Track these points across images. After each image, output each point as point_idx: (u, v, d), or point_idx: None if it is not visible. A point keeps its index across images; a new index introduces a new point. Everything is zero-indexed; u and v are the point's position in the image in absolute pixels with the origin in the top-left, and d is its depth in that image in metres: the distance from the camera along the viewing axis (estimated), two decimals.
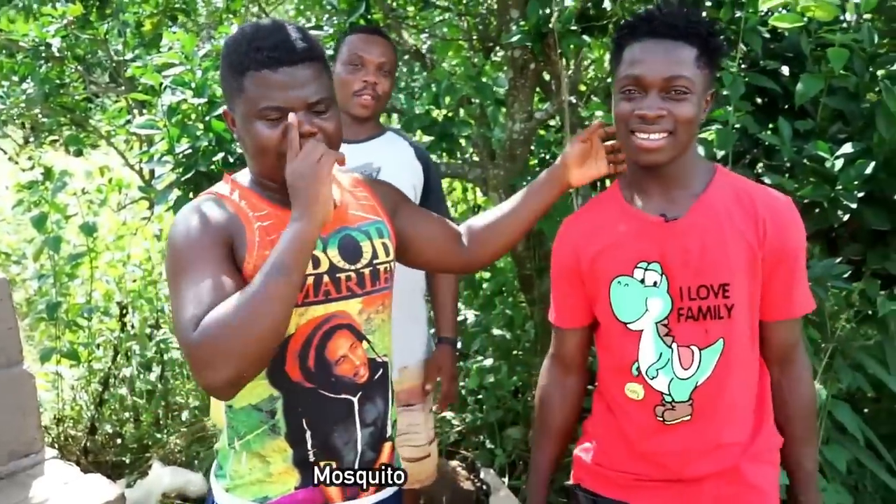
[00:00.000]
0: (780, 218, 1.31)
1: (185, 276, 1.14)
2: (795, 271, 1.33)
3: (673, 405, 1.34)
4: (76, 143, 3.46)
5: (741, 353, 1.33)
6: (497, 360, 2.94)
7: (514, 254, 2.70)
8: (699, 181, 1.34)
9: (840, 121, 2.00)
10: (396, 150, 1.91)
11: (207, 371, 1.07)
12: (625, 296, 1.34)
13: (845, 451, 2.00)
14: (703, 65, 1.26)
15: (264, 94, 1.16)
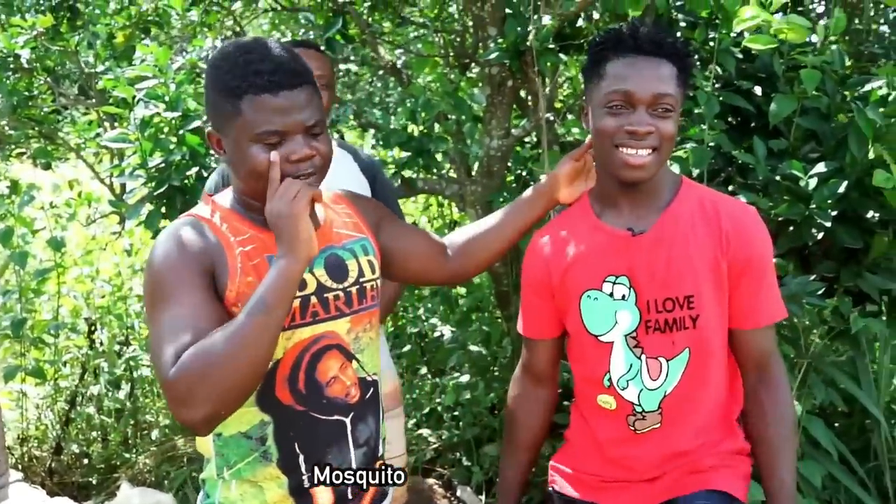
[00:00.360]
0: (743, 228, 1.33)
1: (163, 307, 1.12)
2: (762, 280, 1.35)
3: (643, 415, 1.37)
4: (45, 156, 3.40)
5: (707, 361, 1.36)
6: (474, 377, 2.92)
7: (490, 270, 2.69)
8: (665, 194, 1.36)
9: (812, 140, 2.05)
10: (341, 168, 1.88)
11: (185, 408, 1.06)
12: (595, 309, 1.37)
13: (819, 465, 2.03)
14: (680, 83, 1.30)
15: (264, 118, 1.15)
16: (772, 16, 1.79)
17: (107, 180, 3.67)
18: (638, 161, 1.27)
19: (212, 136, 1.23)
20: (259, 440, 1.21)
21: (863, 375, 2.19)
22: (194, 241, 1.18)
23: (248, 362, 1.07)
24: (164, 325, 1.10)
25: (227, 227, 1.22)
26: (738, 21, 1.81)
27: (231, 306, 1.16)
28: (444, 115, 3.11)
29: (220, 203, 1.27)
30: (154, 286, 1.15)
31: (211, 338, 1.07)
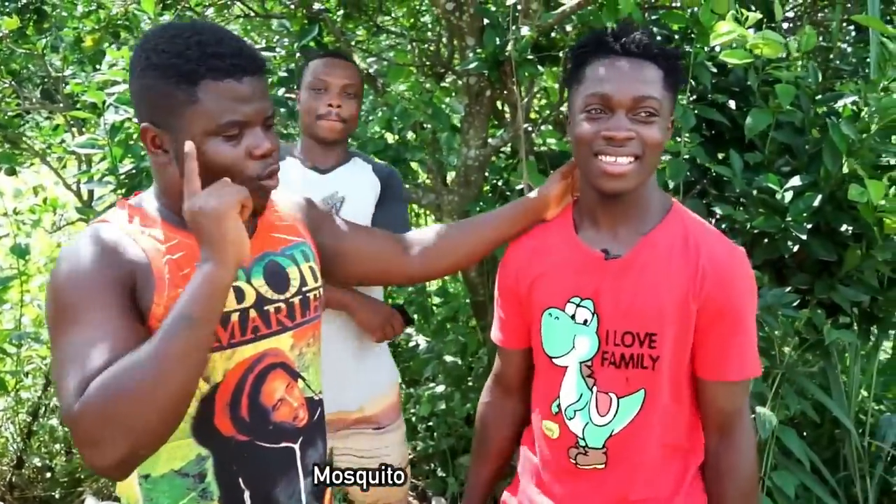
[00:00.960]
0: (722, 271, 1.20)
1: (68, 329, 0.95)
2: (736, 331, 1.22)
3: (586, 450, 1.27)
4: (9, 161, 3.31)
5: (664, 407, 1.25)
6: (449, 387, 2.91)
7: (467, 280, 2.69)
8: (651, 218, 1.25)
9: (786, 154, 2.08)
10: (360, 176, 1.90)
11: (93, 450, 0.89)
12: (554, 329, 1.28)
13: (792, 475, 2.05)
14: (667, 87, 1.19)
15: (228, 106, 1.02)
16: (747, 31, 1.81)
17: (73, 186, 3.58)
18: (617, 170, 1.16)
19: (146, 132, 1.06)
20: (197, 477, 1.07)
21: (834, 386, 2.23)
22: (107, 252, 1.02)
23: (170, 391, 0.91)
24: (69, 350, 0.94)
25: (149, 233, 1.06)
26: (715, 36, 1.83)
27: (158, 322, 1.00)
28: (420, 125, 3.10)
29: (139, 207, 1.11)
30: (58, 304, 0.98)
31: (123, 363, 0.91)
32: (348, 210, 1.82)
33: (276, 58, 3.10)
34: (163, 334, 0.92)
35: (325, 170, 1.86)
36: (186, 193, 1.00)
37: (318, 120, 1.81)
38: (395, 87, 3.34)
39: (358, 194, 1.86)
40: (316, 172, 1.85)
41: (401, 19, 3.81)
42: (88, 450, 0.90)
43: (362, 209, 1.84)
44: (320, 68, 1.84)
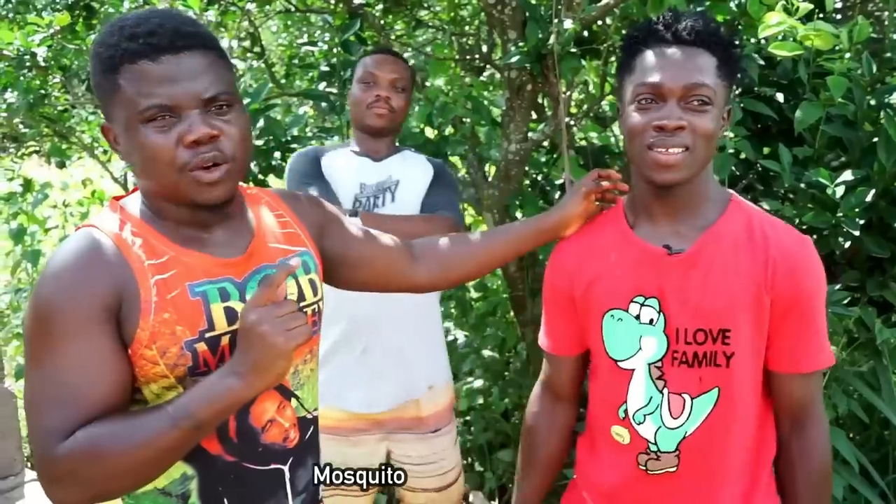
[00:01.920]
0: (793, 261, 1.16)
1: (49, 354, 0.92)
2: (808, 321, 1.18)
3: (658, 455, 1.22)
4: (59, 154, 3.40)
5: (739, 405, 1.20)
6: (487, 382, 2.91)
7: (506, 274, 2.68)
8: (711, 211, 1.20)
9: (837, 148, 2.03)
10: (412, 164, 1.93)
11: (58, 489, 0.92)
12: (618, 331, 1.23)
13: (840, 477, 2.01)
14: (723, 76, 1.14)
15: (145, 89, 0.93)
16: (798, 22, 1.77)
17: (119, 179, 3.66)
18: (668, 160, 1.12)
19: (107, 131, 1.01)
20: (180, 497, 1.03)
21: (884, 386, 2.16)
22: (97, 269, 0.95)
23: (154, 467, 0.93)
24: (49, 380, 0.91)
25: (140, 244, 0.99)
26: (764, 27, 1.79)
27: (143, 348, 0.96)
28: (460, 119, 3.10)
29: (130, 212, 1.03)
30: (39, 324, 0.93)
31: (118, 425, 0.91)
32: (402, 192, 1.86)
33: (318, 52, 3.13)
34: (167, 423, 0.90)
35: (378, 158, 1.90)
36: (257, 296, 0.94)
37: (367, 109, 1.86)
38: (435, 82, 3.34)
39: (412, 178, 1.89)
40: (370, 160, 1.89)
41: (440, 13, 3.81)
42: (54, 487, 0.92)
43: (416, 192, 1.87)
44: (370, 63, 1.89)
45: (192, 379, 0.98)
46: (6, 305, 3.93)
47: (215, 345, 1.00)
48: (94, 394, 0.92)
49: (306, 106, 3.78)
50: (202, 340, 0.99)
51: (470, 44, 3.66)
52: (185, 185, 0.97)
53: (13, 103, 3.00)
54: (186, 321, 0.98)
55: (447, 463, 1.96)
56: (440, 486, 1.97)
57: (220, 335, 1.00)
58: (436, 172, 1.94)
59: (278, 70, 3.93)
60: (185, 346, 0.97)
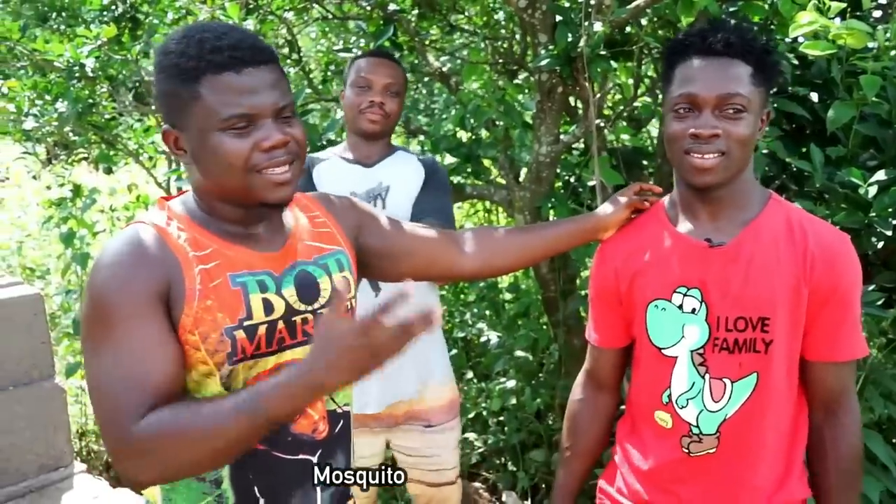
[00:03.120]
0: (831, 255, 1.23)
1: (111, 341, 0.97)
2: (845, 313, 1.25)
3: (700, 437, 1.29)
4: (106, 160, 3.52)
5: (776, 390, 1.26)
6: (520, 382, 2.93)
7: (538, 276, 2.70)
8: (751, 207, 1.28)
9: (871, 147, 2.00)
10: (404, 167, 1.93)
11: (136, 465, 0.96)
12: (661, 320, 1.30)
13: (878, 482, 1.98)
14: (758, 82, 1.21)
15: (228, 99, 1.00)
16: (830, 21, 1.76)
17: (163, 184, 3.78)
18: (705, 164, 1.20)
19: (168, 135, 1.07)
20: (213, 483, 1.08)
21: None
22: (148, 258, 1.01)
23: (225, 454, 0.98)
24: (114, 365, 0.97)
25: (185, 238, 1.05)
26: (795, 27, 1.78)
27: (187, 333, 1.01)
28: (493, 122, 3.12)
29: (176, 210, 1.10)
30: (99, 312, 0.99)
31: (196, 415, 0.96)
32: (393, 198, 1.87)
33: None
34: (245, 415, 0.93)
35: (369, 164, 1.91)
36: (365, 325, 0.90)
37: (360, 114, 1.87)
38: (469, 85, 3.38)
39: (402, 182, 1.89)
40: (360, 166, 1.91)
41: (474, 17, 3.84)
42: (131, 463, 0.96)
43: (407, 195, 1.88)
44: (364, 67, 1.90)
45: (230, 366, 1.04)
46: (57, 307, 4.09)
47: (253, 333, 1.05)
48: (159, 374, 0.98)
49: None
50: (241, 328, 1.04)
51: (504, 47, 3.69)
52: (257, 184, 1.04)
53: (63, 112, 3.13)
54: (227, 309, 1.03)
55: (443, 461, 1.97)
56: (434, 481, 1.98)
57: (257, 324, 1.06)
58: (427, 174, 1.93)
59: (316, 76, 4.01)
60: (224, 332, 1.03)
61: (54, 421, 1.94)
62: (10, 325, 1.87)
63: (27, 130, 3.23)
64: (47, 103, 3.29)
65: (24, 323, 1.90)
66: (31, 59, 3.29)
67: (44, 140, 3.51)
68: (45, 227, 3.70)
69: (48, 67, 3.29)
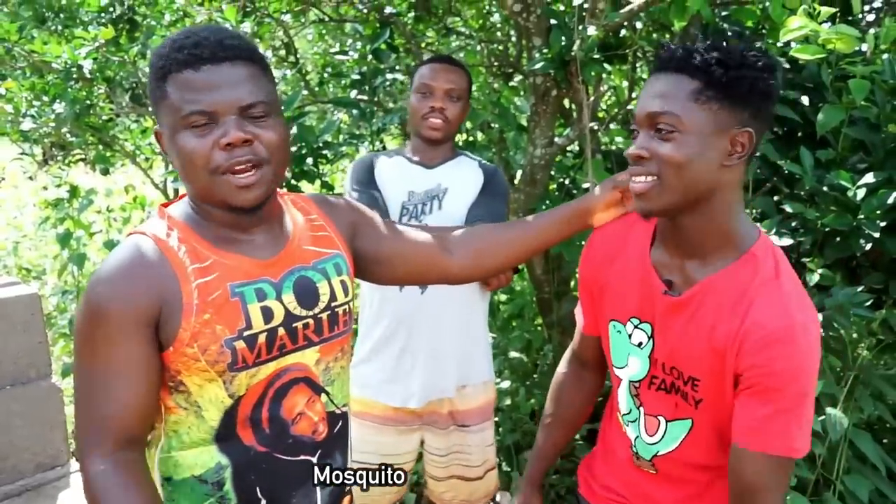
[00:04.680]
0: (765, 340, 1.08)
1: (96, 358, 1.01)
2: (772, 401, 1.09)
3: (638, 457, 1.31)
4: (103, 161, 3.54)
5: (712, 440, 1.20)
6: (514, 383, 2.94)
7: (533, 277, 2.72)
8: (721, 258, 1.15)
9: (860, 151, 2.03)
10: (464, 171, 1.98)
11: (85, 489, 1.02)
12: (616, 341, 1.30)
13: (866, 480, 2.00)
14: (707, 99, 1.06)
15: (187, 97, 1.00)
16: (820, 26, 1.78)
17: (160, 185, 3.79)
18: (637, 188, 1.12)
19: (158, 136, 1.08)
20: (215, 485, 1.08)
21: None
22: (142, 276, 1.02)
23: None
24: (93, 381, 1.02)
25: (185, 250, 1.05)
26: (785, 31, 1.80)
27: (185, 346, 1.02)
28: (488, 124, 3.15)
29: (175, 218, 1.10)
30: (88, 326, 1.02)
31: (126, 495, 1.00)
32: (450, 200, 1.91)
33: (350, 61, 3.21)
34: None
35: (431, 165, 1.96)
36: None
37: (422, 119, 1.92)
38: None
39: (460, 186, 1.94)
40: (422, 167, 1.95)
41: (470, 20, 3.86)
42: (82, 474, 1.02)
43: (463, 200, 1.92)
44: (426, 73, 1.94)
45: (231, 374, 1.05)
46: (54, 307, 4.09)
47: (253, 342, 1.06)
48: (131, 396, 1.01)
49: (341, 113, 3.87)
50: (240, 339, 1.05)
51: (500, 50, 3.71)
52: (219, 187, 1.02)
53: (61, 113, 3.14)
54: (226, 321, 1.04)
55: (473, 458, 2.01)
56: (464, 475, 2.02)
57: (256, 333, 1.06)
58: (486, 180, 1.97)
59: (312, 78, 4.03)
60: (224, 344, 1.04)
61: (51, 420, 1.95)
62: (7, 325, 1.88)
63: (24, 131, 3.24)
64: (45, 104, 3.30)
65: (22, 322, 1.91)
66: (28, 60, 3.30)
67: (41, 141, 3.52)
68: (42, 228, 3.71)
69: (46, 68, 3.29)
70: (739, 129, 1.08)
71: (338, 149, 2.85)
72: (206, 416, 1.06)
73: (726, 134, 1.08)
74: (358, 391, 1.93)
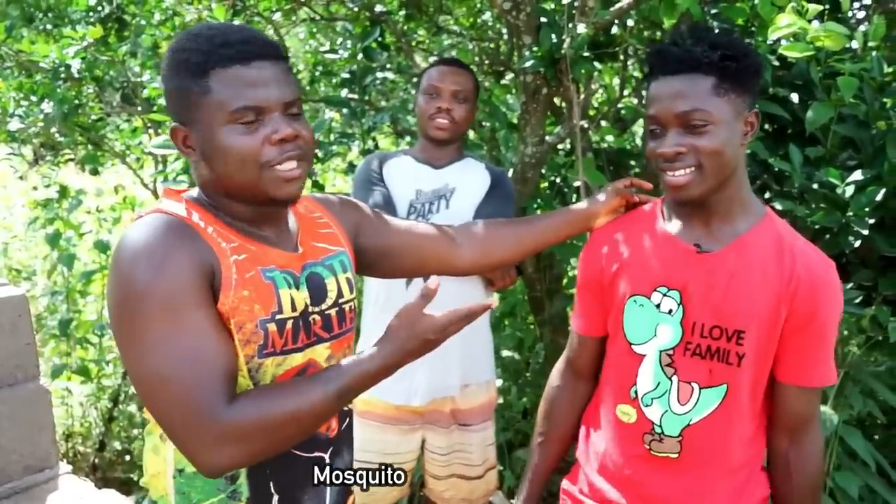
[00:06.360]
0: (816, 282, 1.23)
1: (170, 327, 0.94)
2: (820, 340, 1.26)
3: (661, 438, 1.31)
4: (93, 161, 3.52)
5: (744, 404, 1.28)
6: (506, 382, 2.94)
7: (524, 275, 2.71)
8: (743, 220, 1.28)
9: (850, 148, 2.03)
10: (471, 172, 1.99)
11: (222, 453, 0.95)
12: (638, 316, 1.32)
13: (857, 477, 2.00)
14: (725, 91, 1.19)
15: (237, 92, 1.00)
16: (808, 23, 1.78)
17: (150, 185, 3.77)
18: (678, 181, 1.22)
19: (176, 133, 1.05)
20: (229, 478, 1.08)
21: None
22: (184, 243, 0.98)
23: (307, 433, 1.03)
24: (180, 354, 0.95)
25: (212, 230, 1.04)
26: (774, 29, 1.80)
27: (223, 320, 1.01)
28: (479, 122, 3.14)
29: (196, 202, 1.08)
30: (144, 304, 0.94)
31: (287, 395, 0.99)
32: (457, 200, 1.92)
33: (339, 60, 3.20)
34: (328, 395, 1.00)
35: (438, 165, 1.98)
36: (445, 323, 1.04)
37: (429, 120, 1.94)
38: None
39: (467, 186, 1.95)
40: (429, 167, 1.97)
41: (461, 19, 3.86)
42: (216, 450, 0.95)
43: (471, 200, 1.93)
44: (434, 75, 1.97)
45: (259, 360, 1.04)
46: (44, 308, 4.07)
47: (283, 327, 1.06)
48: (223, 359, 0.98)
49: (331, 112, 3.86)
50: (273, 321, 1.05)
51: (491, 48, 3.71)
52: (266, 181, 1.03)
53: (49, 113, 3.12)
54: (262, 301, 1.04)
55: (474, 457, 2.01)
56: (465, 474, 2.02)
57: (286, 319, 1.07)
58: (493, 181, 1.98)
59: (303, 77, 4.01)
60: (259, 323, 1.03)
61: (39, 422, 1.93)
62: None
63: (12, 131, 3.22)
64: (33, 104, 3.28)
65: (9, 324, 1.89)
66: (16, 59, 3.27)
67: (29, 141, 3.50)
68: (31, 229, 3.69)
69: (34, 68, 3.28)
70: (749, 111, 1.24)
71: (329, 148, 2.84)
72: None
73: (741, 117, 1.23)
74: None
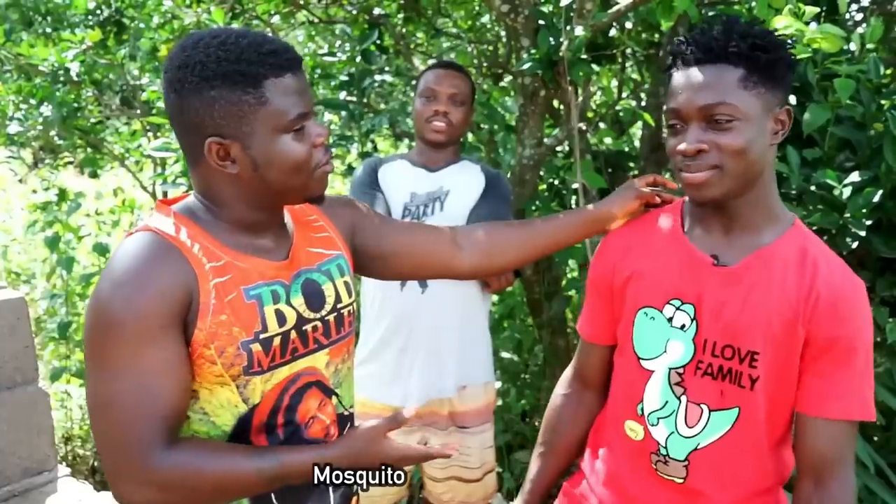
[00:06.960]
0: (837, 301, 1.10)
1: (125, 362, 0.94)
2: (845, 366, 1.11)
3: (667, 460, 1.21)
4: (92, 164, 3.52)
5: (759, 431, 1.16)
6: (505, 384, 2.94)
7: (523, 278, 2.72)
8: (768, 231, 1.16)
9: (847, 149, 2.04)
10: (466, 175, 2.00)
11: (147, 496, 0.96)
12: (648, 329, 1.22)
13: (855, 478, 2.00)
14: (753, 84, 1.08)
15: (294, 100, 1.01)
16: (805, 26, 1.79)
17: (149, 188, 3.78)
18: (697, 179, 1.11)
19: (217, 146, 1.01)
20: None
21: None
22: (163, 271, 0.97)
23: (232, 498, 1.04)
24: (129, 389, 0.95)
25: (199, 248, 1.02)
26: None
27: (201, 347, 0.99)
28: (478, 125, 3.15)
29: (186, 216, 1.06)
30: (109, 330, 0.94)
31: (220, 460, 0.99)
32: (452, 202, 1.93)
33: (338, 63, 3.20)
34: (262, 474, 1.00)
35: (433, 168, 1.98)
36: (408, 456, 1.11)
37: (426, 123, 1.94)
38: None
39: (462, 188, 1.96)
40: (425, 170, 1.98)
41: (459, 21, 3.87)
42: (143, 491, 0.96)
43: (465, 202, 1.93)
44: (430, 78, 1.97)
45: (246, 378, 1.03)
46: (43, 311, 4.07)
47: (268, 345, 1.05)
48: (172, 399, 0.97)
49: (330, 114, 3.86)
50: (256, 341, 1.03)
51: (489, 51, 3.71)
52: (315, 180, 1.07)
53: (48, 116, 3.13)
54: (242, 323, 1.02)
55: (472, 460, 2.01)
56: (463, 477, 2.02)
57: (272, 336, 1.05)
58: (488, 183, 1.98)
59: None
60: (241, 346, 1.02)
61: (38, 425, 1.94)
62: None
63: (12, 134, 3.22)
64: (32, 107, 3.29)
65: (8, 326, 1.89)
66: (15, 63, 3.28)
67: (29, 144, 3.50)
68: (31, 232, 3.68)
69: (33, 71, 3.28)
70: (780, 108, 1.12)
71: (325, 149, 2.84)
72: (216, 421, 1.04)
73: (770, 114, 1.11)
74: (358, 391, 1.93)
